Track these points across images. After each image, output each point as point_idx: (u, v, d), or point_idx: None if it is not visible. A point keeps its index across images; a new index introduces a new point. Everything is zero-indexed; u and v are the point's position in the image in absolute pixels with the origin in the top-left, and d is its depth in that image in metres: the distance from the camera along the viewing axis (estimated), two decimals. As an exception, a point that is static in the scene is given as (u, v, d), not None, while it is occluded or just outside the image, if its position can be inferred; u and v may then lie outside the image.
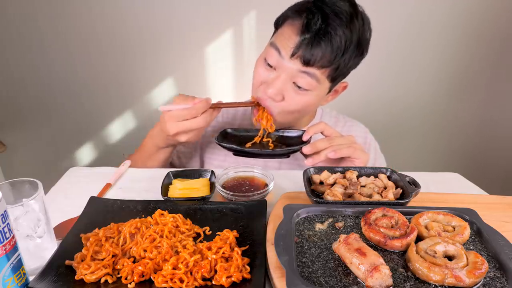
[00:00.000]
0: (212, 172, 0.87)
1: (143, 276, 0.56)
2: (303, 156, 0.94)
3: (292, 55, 0.89)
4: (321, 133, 0.93)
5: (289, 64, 0.91)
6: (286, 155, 0.94)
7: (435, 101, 2.19)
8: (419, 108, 2.20)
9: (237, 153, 0.95)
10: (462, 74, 2.12)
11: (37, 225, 0.59)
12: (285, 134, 1.01)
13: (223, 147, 0.93)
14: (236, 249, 0.60)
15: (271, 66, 0.95)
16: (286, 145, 0.97)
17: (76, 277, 0.56)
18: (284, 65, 0.92)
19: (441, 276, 0.50)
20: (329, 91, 1.01)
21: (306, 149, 0.89)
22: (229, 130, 1.01)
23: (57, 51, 2.05)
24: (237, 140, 0.98)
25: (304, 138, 0.94)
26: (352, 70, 0.98)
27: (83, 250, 0.61)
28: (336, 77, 0.96)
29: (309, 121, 1.16)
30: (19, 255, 0.52)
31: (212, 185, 0.84)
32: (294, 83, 0.93)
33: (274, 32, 1.01)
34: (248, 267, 0.58)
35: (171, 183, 0.85)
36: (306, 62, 0.89)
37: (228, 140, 0.97)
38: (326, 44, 0.87)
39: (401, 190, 0.74)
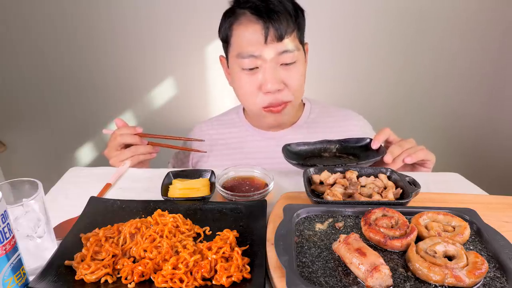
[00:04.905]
0: (212, 172, 0.87)
1: (143, 276, 0.56)
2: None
3: (265, 41, 0.94)
4: (385, 140, 0.93)
5: (267, 51, 0.95)
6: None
7: (435, 101, 2.19)
8: (419, 109, 2.20)
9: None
10: (463, 74, 2.12)
11: (37, 225, 0.59)
12: (346, 144, 0.96)
13: (304, 166, 0.85)
14: (236, 249, 0.60)
15: (252, 69, 0.98)
16: (352, 155, 0.94)
17: (76, 277, 0.56)
18: (264, 56, 0.96)
19: (441, 276, 0.50)
20: (305, 55, 1.07)
21: (387, 158, 0.86)
22: (288, 147, 0.94)
23: (57, 51, 2.05)
24: (298, 156, 0.94)
25: (374, 147, 0.90)
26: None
27: (83, 250, 0.61)
28: (302, 36, 1.03)
29: (299, 114, 1.16)
30: (19, 255, 0.52)
31: (212, 185, 0.84)
32: (281, 64, 0.98)
33: (227, 48, 1.06)
34: (248, 267, 0.58)
35: (171, 183, 0.85)
36: (280, 37, 0.94)
37: (290, 157, 0.90)
38: (282, 11, 0.94)
39: (401, 190, 0.74)
